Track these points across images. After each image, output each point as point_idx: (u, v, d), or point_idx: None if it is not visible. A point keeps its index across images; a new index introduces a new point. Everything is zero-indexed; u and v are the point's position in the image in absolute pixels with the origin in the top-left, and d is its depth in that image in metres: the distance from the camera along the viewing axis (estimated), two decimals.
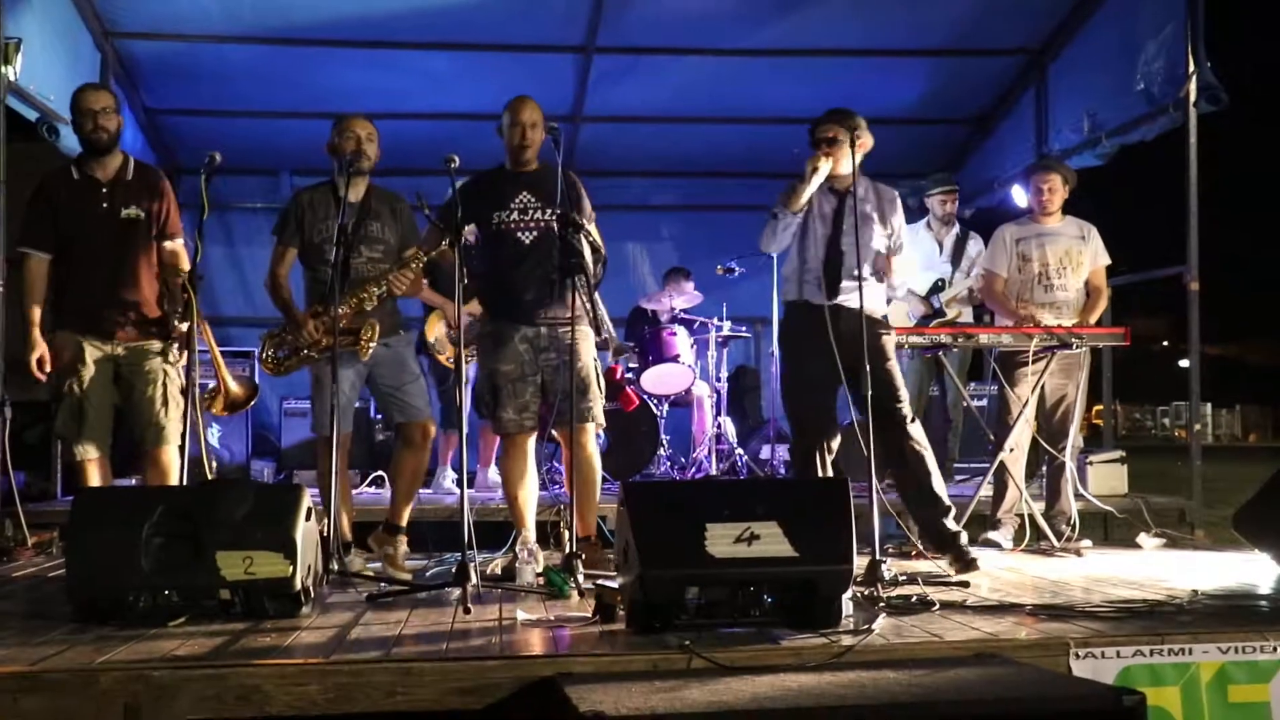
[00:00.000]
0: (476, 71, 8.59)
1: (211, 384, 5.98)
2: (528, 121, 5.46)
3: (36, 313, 5.50)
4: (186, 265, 5.58)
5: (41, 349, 5.45)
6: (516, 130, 5.47)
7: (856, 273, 5.39)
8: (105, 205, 5.51)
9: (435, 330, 7.74)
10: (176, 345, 5.56)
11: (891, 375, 5.63)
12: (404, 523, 5.67)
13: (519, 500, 5.52)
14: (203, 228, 5.21)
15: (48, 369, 5.48)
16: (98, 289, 5.49)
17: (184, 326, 5.41)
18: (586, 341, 5.49)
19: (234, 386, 5.86)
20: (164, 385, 5.54)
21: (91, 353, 5.48)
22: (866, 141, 5.64)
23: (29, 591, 5.10)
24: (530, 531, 5.48)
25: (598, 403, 5.53)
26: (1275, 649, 3.85)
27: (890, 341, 5.74)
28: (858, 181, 5.59)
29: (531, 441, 5.56)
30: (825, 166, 5.53)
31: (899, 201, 5.87)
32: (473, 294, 5.70)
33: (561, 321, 5.35)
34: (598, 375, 5.57)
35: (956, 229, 8.22)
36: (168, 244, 5.64)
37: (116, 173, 5.58)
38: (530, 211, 5.44)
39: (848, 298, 5.56)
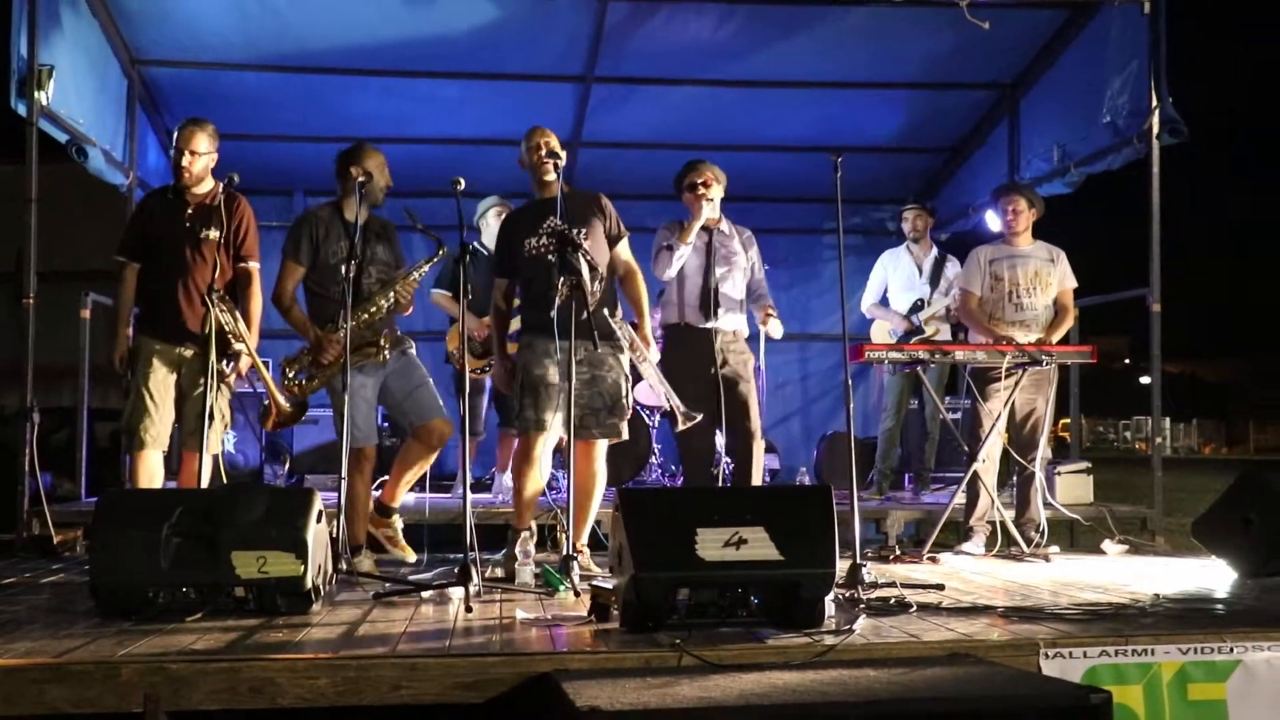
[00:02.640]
0: (482, 99, 8.59)
1: (265, 401, 5.90)
2: (545, 142, 5.46)
3: (124, 314, 5.71)
4: (256, 287, 5.75)
5: (123, 348, 5.63)
6: (536, 152, 5.46)
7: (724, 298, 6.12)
8: (188, 225, 5.61)
9: (454, 342, 7.70)
10: (230, 361, 5.58)
11: (748, 395, 6.14)
12: (396, 505, 5.70)
13: (528, 497, 5.42)
14: (237, 249, 5.22)
15: (124, 367, 5.62)
16: (171, 301, 5.57)
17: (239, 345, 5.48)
18: (618, 359, 5.46)
19: (284, 404, 5.77)
20: (212, 400, 5.53)
21: (161, 357, 5.56)
22: (724, 182, 6.24)
23: (54, 587, 5.07)
24: (528, 530, 5.44)
25: (623, 420, 5.48)
26: (1232, 650, 3.84)
27: (750, 361, 6.25)
28: (721, 221, 6.25)
29: (549, 445, 5.50)
30: (708, 208, 6.09)
31: (755, 240, 6.38)
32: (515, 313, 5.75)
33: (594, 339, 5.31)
34: (626, 394, 5.51)
35: (935, 252, 8.24)
36: (241, 265, 5.69)
37: (203, 197, 5.67)
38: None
39: (722, 321, 6.11)
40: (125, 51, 7.89)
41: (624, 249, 5.63)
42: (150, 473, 5.58)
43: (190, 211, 5.63)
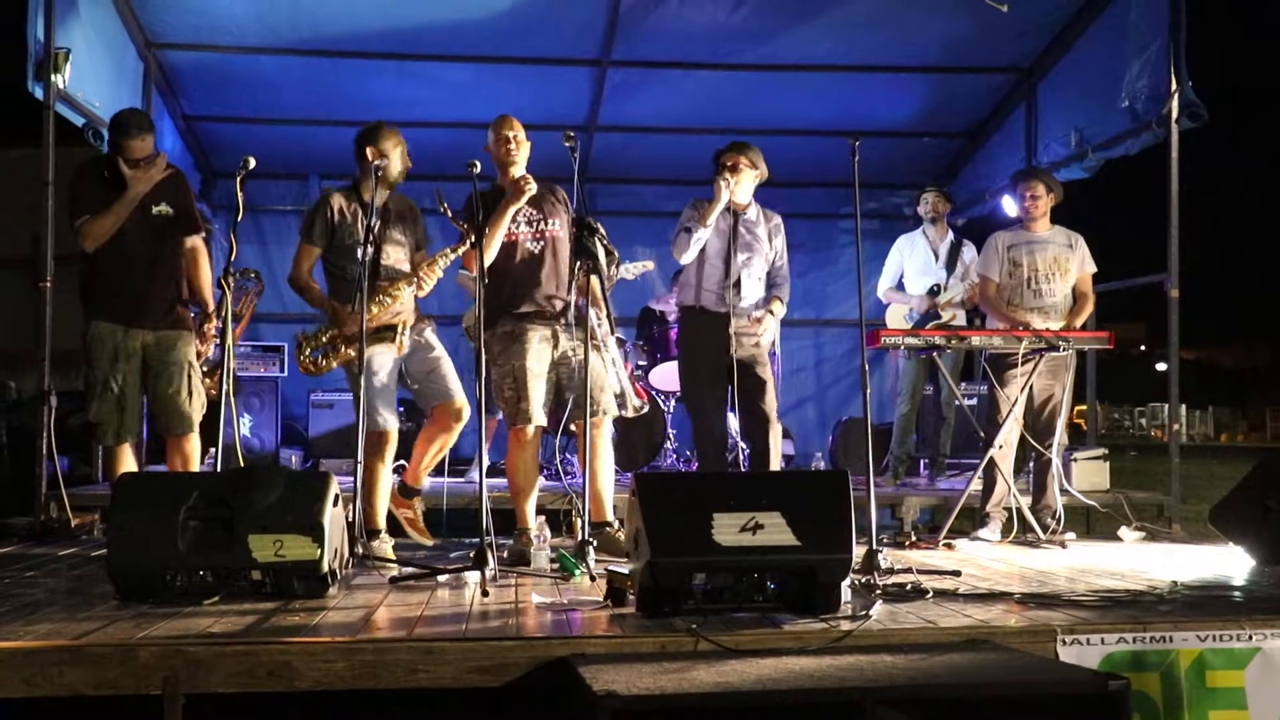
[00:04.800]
0: (497, 83, 8.57)
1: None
2: (511, 135, 5.48)
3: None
4: (205, 260, 5.71)
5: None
6: (501, 144, 5.48)
7: (742, 281, 6.05)
8: (140, 203, 5.52)
9: (468, 319, 7.70)
10: (200, 337, 5.59)
11: (764, 379, 6.11)
12: (420, 486, 5.69)
13: (525, 492, 5.47)
14: (237, 228, 5.19)
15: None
16: (132, 282, 5.49)
17: (216, 321, 5.44)
18: (599, 339, 5.49)
19: (211, 386, 5.77)
20: (189, 376, 5.54)
21: (126, 343, 5.50)
22: (763, 171, 6.14)
23: (72, 570, 5.09)
24: (531, 521, 5.46)
25: (610, 396, 5.54)
26: (1250, 637, 3.83)
27: (766, 346, 6.20)
28: (750, 206, 6.15)
29: (539, 435, 5.54)
30: (726, 192, 5.94)
31: (782, 226, 6.30)
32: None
33: (576, 320, 5.41)
34: (612, 373, 5.57)
35: (951, 237, 8.22)
36: (188, 240, 5.67)
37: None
38: (535, 224, 5.50)
39: (739, 306, 6.05)
40: (141, 35, 7.89)
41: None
42: (129, 466, 5.60)
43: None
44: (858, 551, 4.19)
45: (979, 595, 4.40)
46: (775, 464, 6.08)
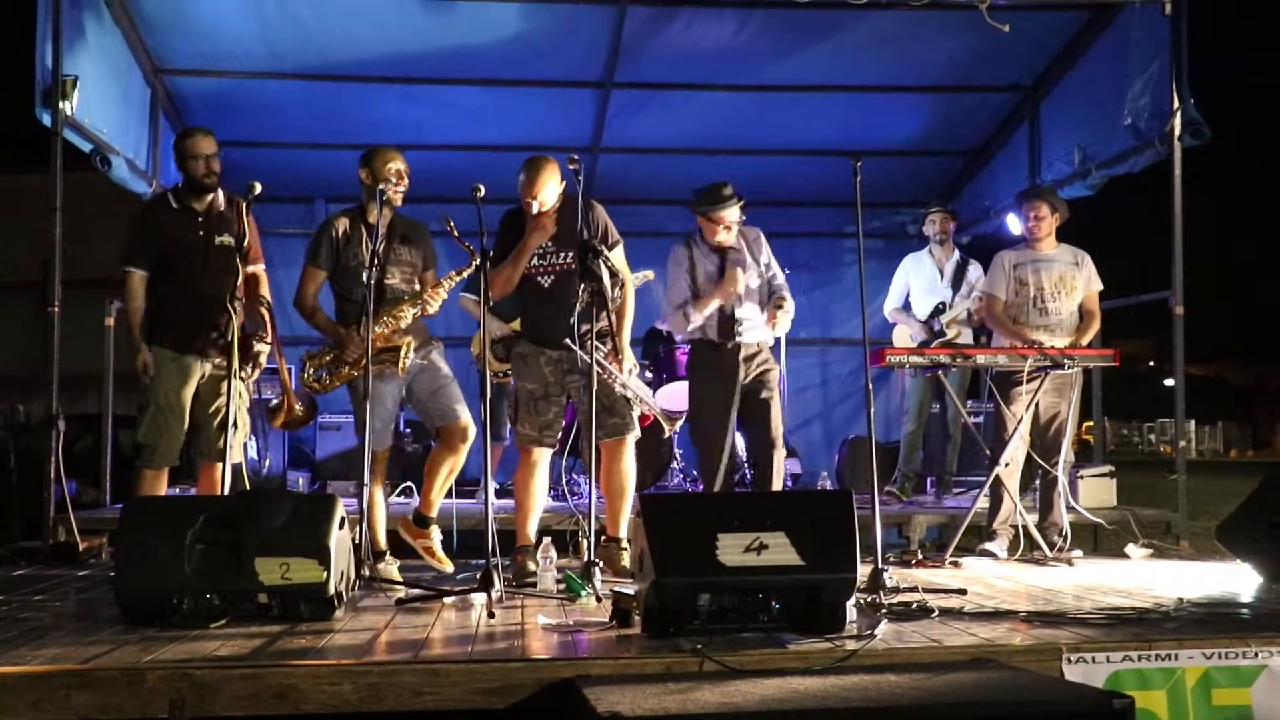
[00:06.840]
0: (503, 106, 8.64)
1: (275, 400, 6.01)
2: (538, 200, 5.42)
3: (138, 322, 5.66)
4: (266, 289, 5.85)
5: (146, 355, 5.62)
6: (527, 207, 5.45)
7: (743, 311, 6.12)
8: (202, 234, 5.68)
9: (477, 345, 7.72)
10: (250, 365, 5.66)
11: (771, 406, 6.15)
12: (434, 514, 5.69)
13: (524, 509, 5.56)
14: (243, 253, 5.22)
15: (151, 374, 5.60)
16: (194, 311, 5.60)
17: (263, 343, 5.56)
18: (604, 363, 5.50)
19: (298, 406, 5.86)
20: (236, 408, 5.59)
21: (182, 370, 5.60)
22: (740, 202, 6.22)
23: (80, 594, 5.11)
24: (531, 539, 5.50)
25: (625, 417, 5.53)
26: (1257, 655, 3.83)
27: (775, 371, 6.27)
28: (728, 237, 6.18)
29: (547, 457, 5.59)
30: (741, 280, 6.08)
31: (763, 237, 6.34)
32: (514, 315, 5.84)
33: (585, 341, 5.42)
34: (622, 391, 5.56)
35: (957, 256, 8.22)
36: (250, 268, 5.73)
37: (210, 203, 5.74)
38: (548, 256, 5.51)
39: (742, 337, 6.12)
40: (148, 61, 7.95)
41: (616, 257, 5.57)
42: (163, 487, 5.68)
43: (201, 220, 5.69)
44: (863, 570, 4.20)
45: (984, 614, 4.39)
46: (776, 487, 6.09)
